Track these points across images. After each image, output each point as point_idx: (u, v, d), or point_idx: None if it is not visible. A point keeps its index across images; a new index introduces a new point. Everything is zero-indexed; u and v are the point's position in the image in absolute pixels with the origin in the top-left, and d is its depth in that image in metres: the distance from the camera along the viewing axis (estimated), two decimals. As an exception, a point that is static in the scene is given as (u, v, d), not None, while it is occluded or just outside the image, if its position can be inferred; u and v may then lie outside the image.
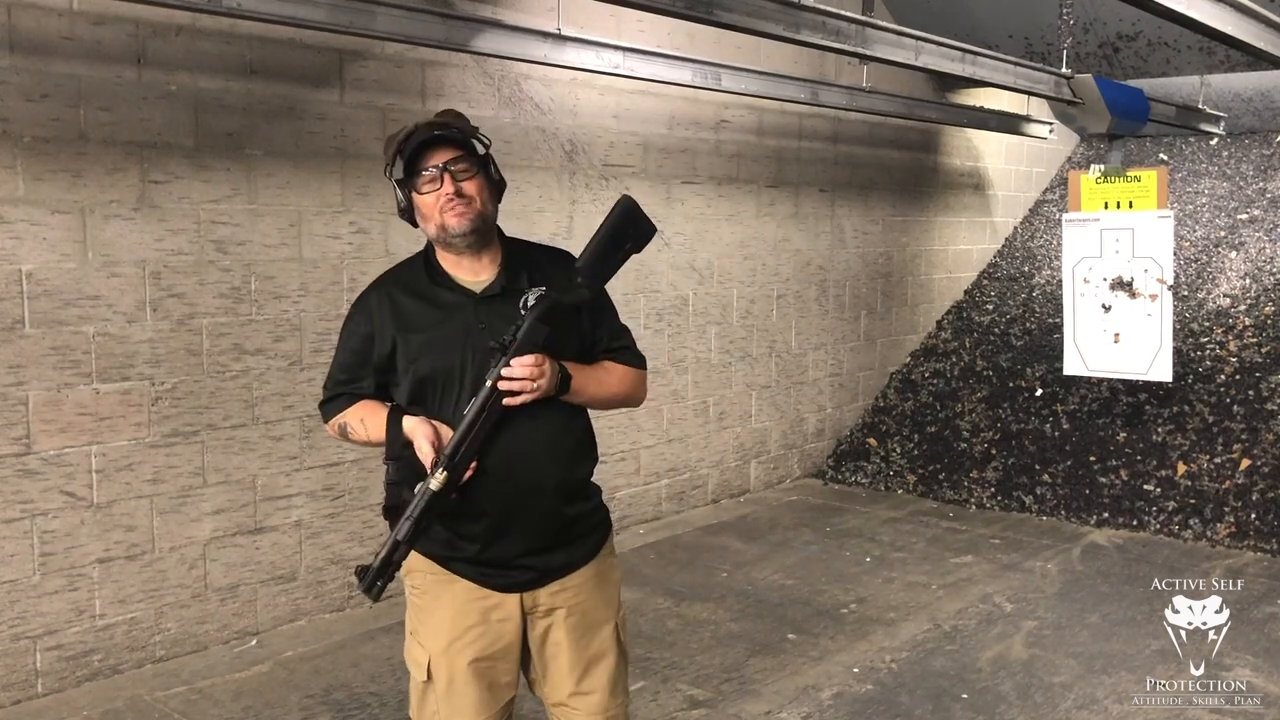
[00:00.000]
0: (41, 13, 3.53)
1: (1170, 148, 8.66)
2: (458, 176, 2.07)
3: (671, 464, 5.96)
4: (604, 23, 5.10)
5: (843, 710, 3.61)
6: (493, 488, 2.07)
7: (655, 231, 2.22)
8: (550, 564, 2.15)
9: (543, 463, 2.09)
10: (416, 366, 2.10)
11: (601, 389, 2.18)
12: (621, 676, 2.28)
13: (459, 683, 2.14)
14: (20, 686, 3.63)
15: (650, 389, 5.76)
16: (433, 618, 2.17)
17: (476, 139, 2.13)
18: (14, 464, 3.58)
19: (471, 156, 2.10)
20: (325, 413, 2.27)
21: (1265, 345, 6.53)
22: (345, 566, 4.47)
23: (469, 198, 2.07)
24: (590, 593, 2.21)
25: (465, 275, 2.15)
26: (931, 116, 6.63)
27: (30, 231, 3.56)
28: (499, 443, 2.05)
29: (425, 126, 2.08)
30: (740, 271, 6.20)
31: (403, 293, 2.15)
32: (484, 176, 2.12)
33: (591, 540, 2.23)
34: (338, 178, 4.33)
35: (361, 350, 2.18)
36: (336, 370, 2.24)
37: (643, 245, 2.21)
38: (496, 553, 2.12)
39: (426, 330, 2.11)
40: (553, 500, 2.11)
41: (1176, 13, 4.09)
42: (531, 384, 2.00)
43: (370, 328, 2.15)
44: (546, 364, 2.02)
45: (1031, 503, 6.15)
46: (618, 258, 2.16)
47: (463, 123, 2.12)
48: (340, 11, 3.64)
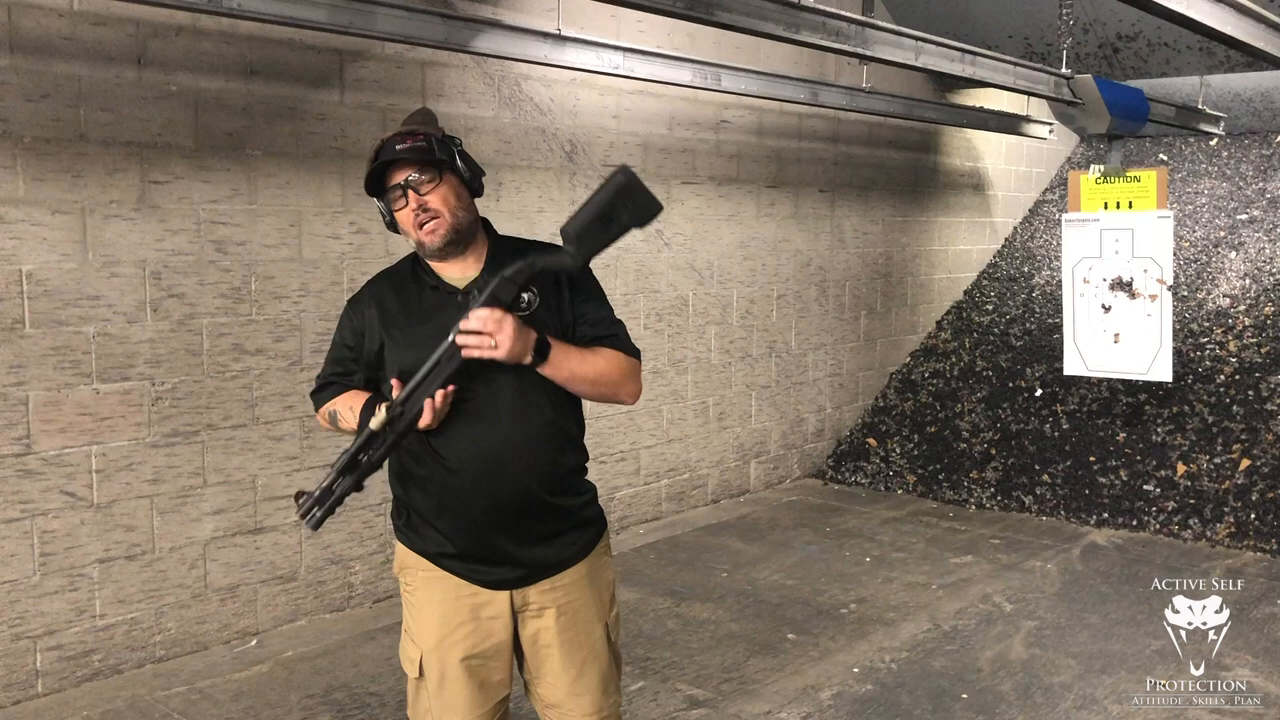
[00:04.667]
0: (42, 13, 3.53)
1: (1170, 148, 8.66)
2: (420, 191, 2.07)
3: (671, 464, 5.96)
4: (604, 23, 5.10)
5: (843, 710, 3.61)
6: (464, 481, 2.08)
7: (659, 208, 2.08)
8: (540, 561, 2.15)
9: (522, 452, 2.08)
10: (400, 361, 2.12)
11: (585, 366, 2.08)
12: (613, 676, 2.28)
13: (450, 679, 2.14)
14: (20, 686, 3.63)
15: (650, 389, 5.80)
16: (424, 614, 2.18)
17: (440, 142, 2.10)
18: (14, 464, 3.58)
19: (432, 167, 2.07)
20: (316, 401, 2.31)
21: (1265, 345, 6.54)
22: (345, 566, 4.47)
23: (435, 211, 2.07)
24: (581, 591, 2.20)
25: (452, 273, 2.16)
26: (931, 117, 6.63)
27: (30, 232, 3.56)
28: (468, 435, 2.05)
29: (390, 140, 2.09)
30: (740, 272, 6.20)
31: (392, 291, 2.19)
32: (452, 180, 2.10)
33: (583, 538, 2.22)
34: (338, 178, 4.33)
35: (352, 346, 2.22)
36: (329, 364, 2.28)
37: (645, 222, 2.07)
38: (482, 547, 2.12)
39: (411, 327, 2.13)
40: (535, 492, 2.10)
41: (1176, 13, 4.10)
42: (490, 339, 1.94)
43: (360, 324, 2.20)
44: (509, 322, 1.95)
45: (1031, 503, 6.15)
46: (612, 230, 2.04)
47: (428, 127, 2.12)
48: (340, 12, 3.64)
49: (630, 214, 2.04)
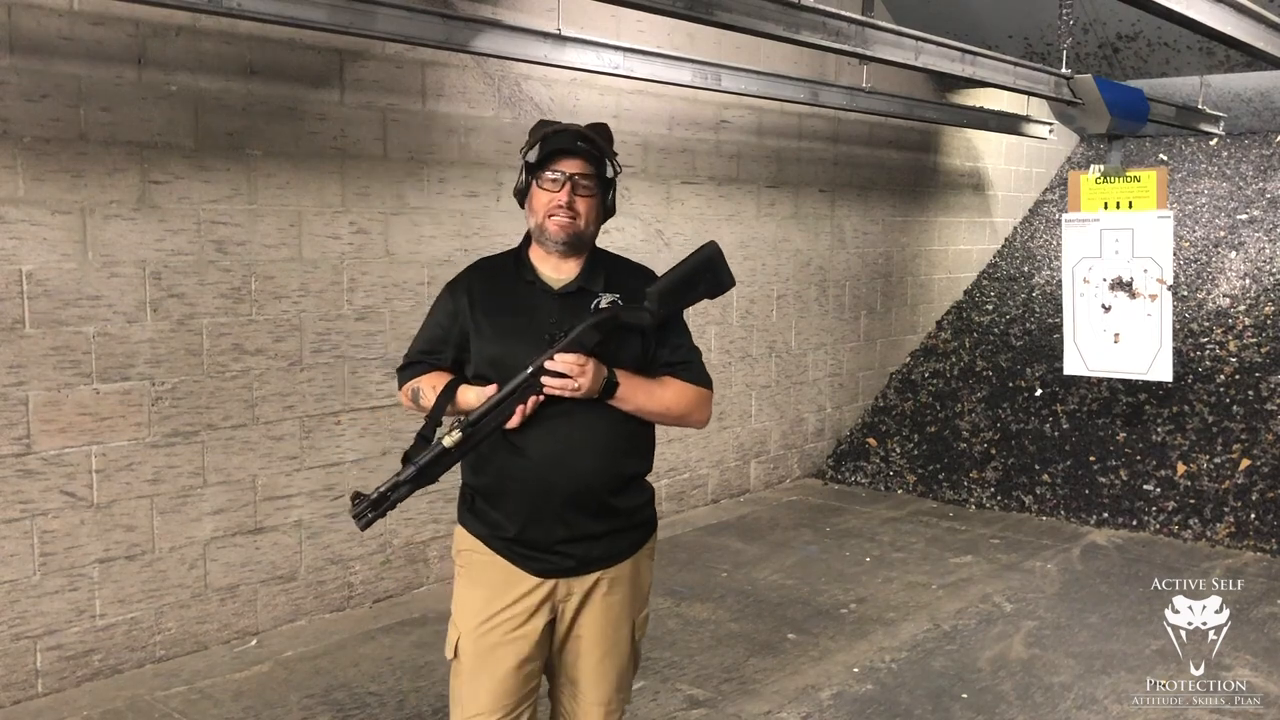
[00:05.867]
0: (42, 13, 3.53)
1: (1170, 148, 8.66)
2: (577, 190, 2.18)
3: (671, 464, 5.96)
4: (604, 23, 5.10)
5: (843, 710, 3.61)
6: (533, 471, 2.15)
7: (733, 284, 2.30)
8: (590, 554, 2.21)
9: (586, 453, 2.16)
10: (487, 350, 2.21)
11: (651, 400, 2.22)
12: (628, 674, 2.35)
13: (485, 662, 2.19)
14: (20, 686, 3.63)
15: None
16: (469, 596, 2.24)
17: (611, 163, 2.24)
18: (14, 464, 3.58)
19: (598, 177, 2.21)
20: (401, 377, 2.38)
21: (1265, 345, 6.54)
22: (345, 566, 4.47)
23: (577, 213, 2.19)
24: (621, 588, 2.27)
25: (549, 272, 2.25)
26: (931, 117, 6.63)
27: (30, 232, 3.56)
28: (545, 430, 2.14)
29: (574, 133, 2.19)
30: (740, 271, 6.19)
31: (489, 280, 2.29)
32: (600, 198, 2.24)
33: (633, 537, 2.29)
34: (338, 178, 4.33)
35: (445, 327, 2.30)
36: (419, 343, 2.36)
37: (717, 294, 2.30)
38: (537, 533, 2.18)
39: (503, 318, 2.23)
40: (597, 492, 2.18)
41: (1176, 13, 4.10)
42: (572, 381, 2.09)
43: (455, 307, 2.28)
44: (590, 366, 2.10)
45: (1031, 503, 6.15)
46: (689, 296, 2.26)
47: (606, 142, 2.23)
48: (340, 12, 3.64)
49: (708, 285, 2.28)
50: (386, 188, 4.48)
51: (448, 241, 4.67)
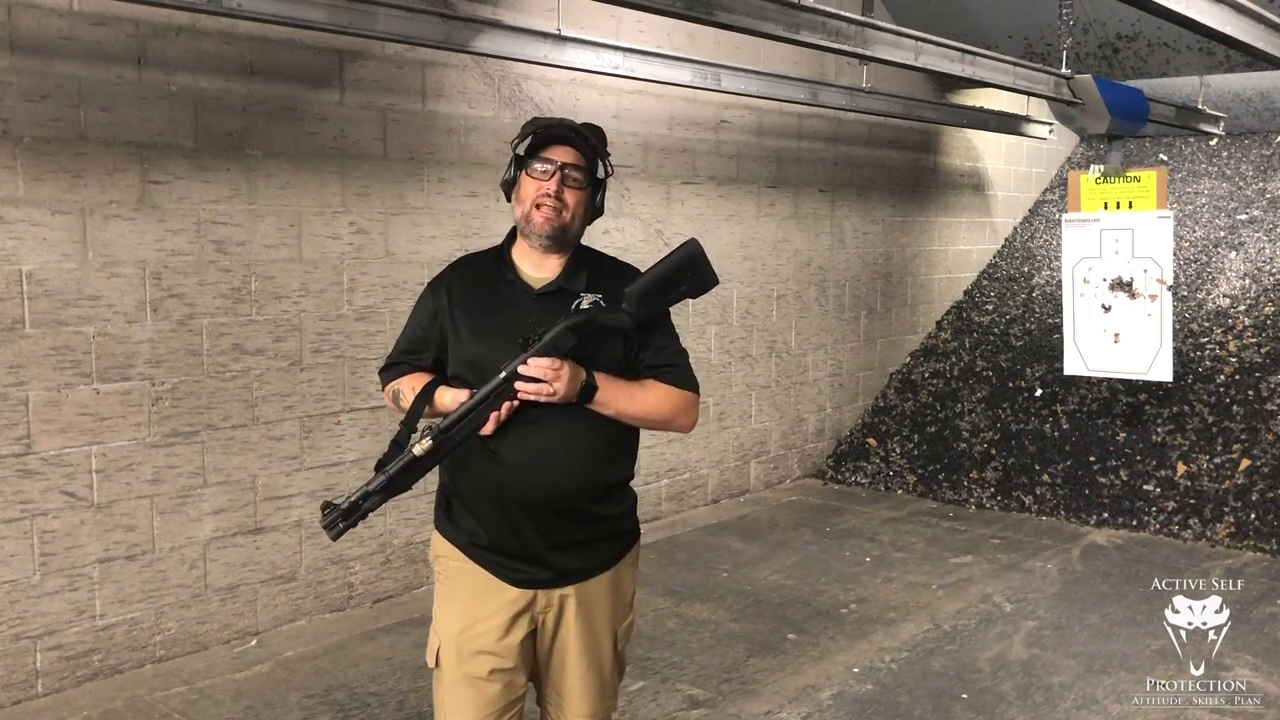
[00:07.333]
0: (42, 13, 3.53)
1: (1170, 148, 8.66)
2: (567, 181, 2.13)
3: (671, 464, 5.96)
4: (604, 23, 5.10)
5: (842, 710, 3.61)
6: (510, 477, 2.10)
7: (716, 283, 2.23)
8: (569, 566, 2.17)
9: (564, 459, 2.11)
10: (465, 352, 2.18)
11: (632, 404, 2.14)
12: (612, 683, 2.31)
13: (465, 672, 2.16)
14: (20, 686, 3.63)
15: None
16: (449, 604, 2.21)
17: (604, 164, 2.20)
18: (14, 464, 3.58)
19: (589, 171, 2.16)
20: (383, 378, 2.37)
21: (1265, 345, 6.54)
22: (345, 566, 4.47)
23: (564, 204, 2.13)
24: (601, 599, 2.23)
25: (530, 270, 2.20)
26: (931, 117, 6.63)
27: (30, 232, 3.56)
28: (522, 435, 2.08)
29: (568, 125, 2.16)
30: (740, 271, 6.20)
31: (470, 279, 2.24)
32: (589, 195, 2.19)
33: (614, 547, 2.25)
34: (338, 178, 4.33)
35: (425, 327, 2.26)
36: (401, 343, 2.33)
37: (699, 293, 2.22)
38: (512, 542, 2.13)
39: (480, 318, 2.18)
40: (576, 499, 2.13)
41: (1176, 13, 4.10)
42: (547, 386, 2.03)
43: (435, 307, 2.24)
44: (565, 369, 2.04)
45: (1031, 503, 6.15)
46: (670, 296, 2.18)
47: (599, 141, 2.20)
48: (340, 12, 3.64)
49: (690, 284, 2.19)
50: (386, 188, 4.48)
51: (448, 242, 4.67)
